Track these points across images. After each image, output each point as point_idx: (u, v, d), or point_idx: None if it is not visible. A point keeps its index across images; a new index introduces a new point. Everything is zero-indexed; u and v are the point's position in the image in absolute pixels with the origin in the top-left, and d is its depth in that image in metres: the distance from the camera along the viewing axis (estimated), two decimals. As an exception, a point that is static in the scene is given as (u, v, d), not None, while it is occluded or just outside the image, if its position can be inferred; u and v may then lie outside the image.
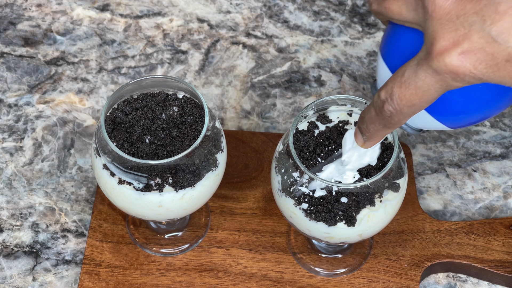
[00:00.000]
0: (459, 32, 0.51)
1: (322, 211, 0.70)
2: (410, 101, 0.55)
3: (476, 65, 0.51)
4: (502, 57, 0.50)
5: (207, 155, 0.72)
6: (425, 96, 0.54)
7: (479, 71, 0.51)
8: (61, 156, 0.90)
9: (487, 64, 0.51)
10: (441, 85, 0.53)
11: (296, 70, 0.96)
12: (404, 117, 0.57)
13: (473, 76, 0.51)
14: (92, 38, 0.99)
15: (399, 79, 0.55)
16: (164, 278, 0.80)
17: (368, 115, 0.60)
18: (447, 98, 0.57)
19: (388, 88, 0.56)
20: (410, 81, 0.54)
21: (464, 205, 0.86)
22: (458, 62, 0.51)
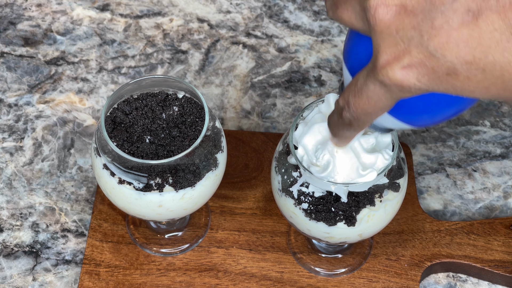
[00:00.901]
0: (400, 47, 0.51)
1: (322, 211, 0.70)
2: (364, 109, 0.56)
3: (419, 78, 0.51)
4: (442, 71, 0.51)
5: (207, 155, 0.72)
6: (378, 105, 0.55)
7: (423, 84, 0.52)
8: (61, 156, 0.90)
9: (429, 78, 0.51)
10: (390, 96, 0.54)
11: (296, 70, 0.96)
12: (363, 123, 0.58)
13: (418, 88, 0.52)
14: (92, 38, 0.99)
15: (353, 87, 0.56)
16: (164, 278, 0.80)
17: (332, 119, 0.61)
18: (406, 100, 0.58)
19: (345, 96, 0.57)
20: (362, 91, 0.55)
21: (464, 205, 0.86)
22: (401, 76, 0.51)
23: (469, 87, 0.51)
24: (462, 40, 0.49)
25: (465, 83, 0.51)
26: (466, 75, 0.50)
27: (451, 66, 0.50)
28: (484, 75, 0.50)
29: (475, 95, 0.52)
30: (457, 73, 0.50)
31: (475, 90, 0.51)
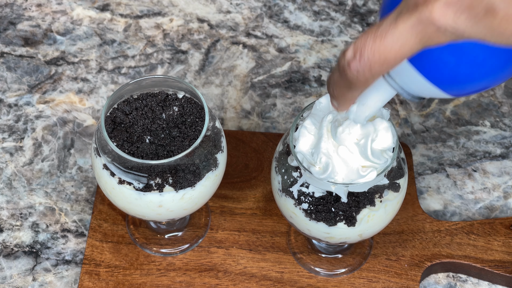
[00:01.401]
0: None
1: (322, 211, 0.70)
2: (384, 55, 0.53)
3: (457, 17, 0.50)
4: (481, 8, 0.50)
5: (207, 155, 0.72)
6: (401, 50, 0.52)
7: (459, 24, 0.50)
8: (61, 156, 0.89)
9: (467, 16, 0.50)
10: (421, 39, 0.52)
11: (296, 70, 0.96)
12: (372, 76, 0.54)
13: (454, 28, 0.51)
14: (92, 38, 0.99)
15: (373, 32, 0.53)
16: (164, 278, 0.80)
17: (332, 77, 0.58)
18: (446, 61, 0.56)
19: (358, 43, 0.54)
20: (387, 32, 0.52)
21: (464, 205, 0.86)
22: (441, 13, 0.50)
23: (507, 30, 0.50)
24: None
25: (503, 24, 0.50)
26: (505, 13, 0.49)
27: (490, 3, 0.49)
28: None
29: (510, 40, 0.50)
30: (496, 11, 0.49)
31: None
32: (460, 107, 0.93)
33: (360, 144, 0.66)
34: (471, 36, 0.51)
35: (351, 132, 0.66)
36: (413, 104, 0.94)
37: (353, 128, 0.66)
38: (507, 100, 0.94)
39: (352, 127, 0.66)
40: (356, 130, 0.66)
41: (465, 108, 0.93)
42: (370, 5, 1.02)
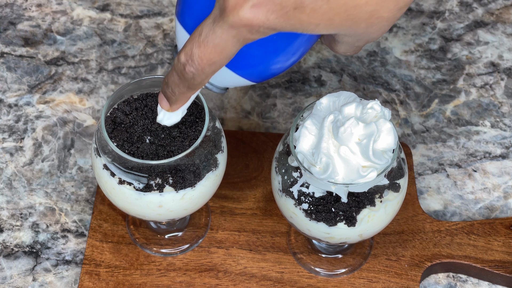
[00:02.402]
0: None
1: (323, 211, 0.70)
2: (210, 59, 0.56)
3: (268, 16, 0.53)
4: (290, 6, 0.53)
5: (207, 155, 0.72)
6: (224, 52, 0.56)
7: (271, 21, 0.53)
8: (61, 156, 0.89)
9: (277, 14, 0.53)
10: (238, 39, 0.55)
11: (296, 70, 0.96)
12: (206, 76, 0.58)
13: (267, 27, 0.54)
14: (92, 38, 0.99)
15: (197, 39, 0.56)
16: (164, 278, 0.80)
17: (172, 79, 0.61)
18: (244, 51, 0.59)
19: (187, 50, 0.57)
20: (208, 39, 0.55)
21: (465, 205, 0.86)
22: (251, 15, 0.53)
23: (315, 20, 0.53)
24: None
25: (311, 16, 0.53)
26: (312, 7, 0.53)
27: (298, 0, 0.52)
28: (328, 5, 0.53)
29: (320, 29, 0.54)
30: (304, 6, 0.53)
31: (320, 22, 0.54)
32: (460, 107, 0.93)
33: (362, 144, 0.66)
34: (283, 29, 0.54)
35: (353, 132, 0.66)
36: (413, 104, 0.94)
37: (355, 128, 0.66)
38: (507, 100, 0.94)
39: (354, 127, 0.66)
40: (358, 130, 0.66)
41: (465, 108, 0.93)
42: (370, 5, 1.02)
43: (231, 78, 0.61)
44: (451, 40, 0.99)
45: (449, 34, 0.99)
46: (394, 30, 1.00)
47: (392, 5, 0.54)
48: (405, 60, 0.97)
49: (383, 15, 0.55)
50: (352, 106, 0.68)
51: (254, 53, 0.59)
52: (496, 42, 0.99)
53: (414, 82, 0.95)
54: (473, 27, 1.00)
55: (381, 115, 0.68)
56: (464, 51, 0.98)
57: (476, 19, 1.01)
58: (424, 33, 1.00)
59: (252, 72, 0.61)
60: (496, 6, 1.02)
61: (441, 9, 1.02)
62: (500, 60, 0.97)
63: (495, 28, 1.00)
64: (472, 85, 0.95)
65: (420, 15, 1.01)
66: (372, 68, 0.97)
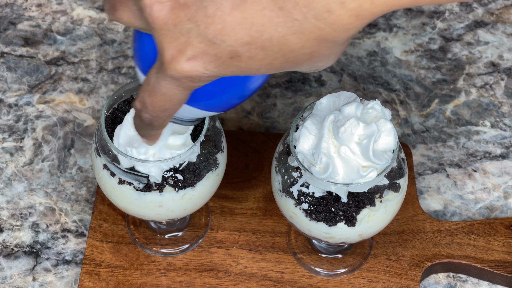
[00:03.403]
0: (180, 40, 0.52)
1: (323, 211, 0.70)
2: (161, 106, 0.57)
3: (206, 67, 0.53)
4: (225, 56, 0.52)
5: (207, 155, 0.72)
6: (174, 100, 0.56)
7: (211, 71, 0.53)
8: (61, 156, 0.89)
9: (215, 64, 0.53)
10: (184, 88, 0.55)
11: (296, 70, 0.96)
12: (164, 120, 0.59)
13: (208, 76, 0.54)
14: (92, 38, 0.99)
15: (146, 87, 0.56)
16: (164, 278, 0.80)
17: (136, 122, 0.61)
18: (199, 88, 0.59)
19: (140, 98, 0.57)
20: (155, 89, 0.56)
21: (465, 205, 0.86)
22: (189, 68, 0.53)
23: (254, 66, 0.53)
24: (237, 23, 0.51)
25: (249, 63, 0.53)
26: (248, 55, 0.52)
27: (232, 50, 0.52)
28: (264, 52, 0.52)
29: (262, 72, 0.54)
30: (240, 55, 0.52)
31: (260, 67, 0.53)
32: (460, 107, 0.93)
33: (362, 144, 0.66)
34: (224, 75, 0.54)
35: (354, 132, 0.66)
36: (413, 104, 0.94)
37: (355, 128, 0.66)
38: (507, 100, 0.94)
39: (354, 127, 0.66)
40: (359, 130, 0.66)
41: (465, 108, 0.93)
42: (370, 5, 1.01)
43: (195, 112, 0.61)
44: (451, 40, 0.99)
45: (449, 34, 0.99)
46: (394, 30, 1.00)
47: (330, 44, 0.53)
48: (405, 60, 0.97)
49: (324, 53, 0.54)
50: (352, 106, 0.68)
51: (210, 89, 0.59)
52: (496, 42, 0.99)
53: (414, 82, 0.95)
54: (473, 27, 1.00)
55: (382, 115, 0.68)
56: (464, 51, 0.98)
57: (476, 19, 1.01)
58: (424, 33, 1.00)
59: (213, 104, 0.60)
60: (496, 6, 1.02)
61: (441, 9, 1.02)
62: (500, 60, 0.97)
63: (495, 28, 1.00)
64: (472, 85, 0.95)
65: (420, 15, 1.01)
66: (372, 68, 0.97)
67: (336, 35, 0.52)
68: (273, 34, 0.51)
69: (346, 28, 0.51)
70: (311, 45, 0.52)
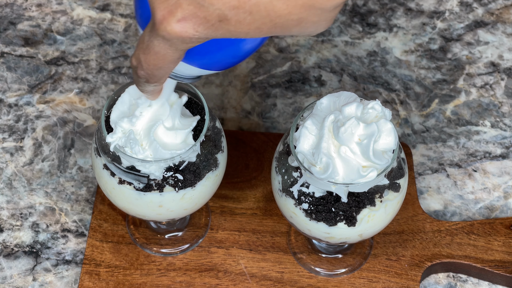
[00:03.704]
0: (170, 1, 0.54)
1: (323, 211, 0.70)
2: (155, 64, 0.58)
3: (196, 28, 0.54)
4: (214, 19, 0.54)
5: (208, 155, 0.72)
6: (167, 59, 0.57)
7: (201, 33, 0.54)
8: (61, 156, 0.89)
9: (204, 26, 0.54)
10: (176, 48, 0.56)
11: (296, 70, 0.96)
12: (159, 78, 0.60)
13: (198, 37, 0.55)
14: (92, 38, 0.99)
15: (141, 45, 0.58)
16: (164, 278, 0.80)
17: (134, 78, 0.62)
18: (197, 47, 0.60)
19: (136, 55, 0.59)
20: (149, 47, 0.57)
21: (465, 205, 0.86)
22: (179, 29, 0.54)
23: (243, 30, 0.54)
24: None
25: (238, 27, 0.54)
26: (236, 19, 0.53)
27: (221, 13, 0.53)
28: (252, 16, 0.53)
29: (252, 35, 0.55)
30: (228, 19, 0.53)
31: (249, 31, 0.54)
32: (461, 107, 0.93)
33: (362, 144, 0.66)
34: (215, 37, 0.55)
35: (354, 132, 0.66)
36: (414, 104, 0.94)
37: (356, 128, 0.66)
38: (507, 100, 0.94)
39: (355, 127, 0.66)
40: (359, 130, 0.66)
41: (465, 108, 0.93)
42: (370, 5, 1.02)
43: (192, 70, 0.62)
44: (451, 40, 0.99)
45: (449, 34, 0.99)
46: (394, 30, 1.00)
47: (318, 11, 0.54)
48: (405, 60, 0.97)
49: (312, 19, 0.54)
50: (352, 106, 0.68)
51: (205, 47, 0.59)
52: (496, 42, 0.99)
53: (414, 82, 0.95)
54: (473, 27, 1.00)
55: (382, 115, 0.68)
56: (464, 51, 0.98)
57: (476, 19, 1.01)
58: (424, 33, 1.00)
59: (210, 62, 0.62)
60: (496, 6, 1.02)
61: (441, 9, 1.02)
62: (500, 60, 0.97)
63: (495, 28, 1.00)
64: (472, 85, 0.95)
65: (420, 15, 1.01)
66: (372, 68, 0.97)
67: (323, 2, 0.53)
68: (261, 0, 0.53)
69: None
70: (299, 11, 0.53)
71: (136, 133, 0.69)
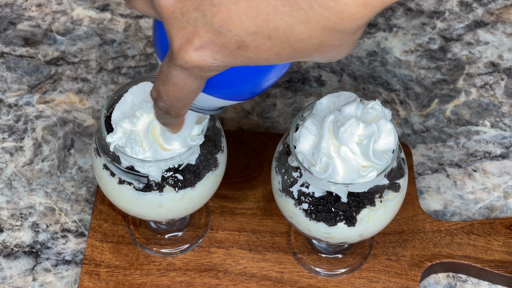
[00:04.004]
0: (188, 29, 0.52)
1: (323, 211, 0.70)
2: (175, 95, 0.56)
3: (214, 56, 0.53)
4: (232, 46, 0.52)
5: (207, 155, 0.72)
6: (187, 89, 0.56)
7: (219, 61, 0.53)
8: (61, 156, 0.89)
9: (223, 54, 0.53)
10: (195, 77, 0.55)
11: (296, 70, 0.96)
12: (180, 109, 0.58)
13: (217, 66, 0.53)
14: (92, 38, 0.99)
15: (160, 76, 0.57)
16: (164, 278, 0.80)
17: (155, 111, 0.61)
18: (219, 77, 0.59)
19: (155, 86, 0.57)
20: (168, 78, 0.56)
21: (465, 205, 0.86)
22: (197, 57, 0.53)
23: (262, 56, 0.53)
24: (242, 12, 0.51)
25: (257, 53, 0.52)
26: (255, 45, 0.52)
27: (239, 39, 0.52)
28: (271, 42, 0.52)
29: (272, 62, 0.53)
30: (247, 45, 0.52)
31: (268, 57, 0.53)
32: (460, 107, 0.93)
33: (362, 144, 0.66)
34: (234, 65, 0.54)
35: (354, 132, 0.66)
36: (413, 104, 0.94)
37: (355, 128, 0.66)
38: (507, 100, 0.94)
39: (354, 127, 0.66)
40: (359, 130, 0.66)
41: (465, 108, 0.93)
42: (370, 5, 1.01)
43: (214, 101, 0.61)
44: (451, 40, 0.99)
45: (449, 34, 0.99)
46: (394, 30, 1.00)
47: (339, 34, 0.52)
48: (405, 60, 0.97)
49: (333, 43, 0.53)
50: (352, 106, 0.68)
51: (227, 78, 0.58)
52: (496, 42, 0.99)
53: (414, 82, 0.95)
54: (473, 27, 1.00)
55: (382, 115, 0.68)
56: (464, 51, 0.98)
57: (476, 19, 1.01)
58: (424, 33, 1.00)
59: (232, 93, 0.60)
60: (496, 6, 1.02)
61: (441, 9, 1.02)
62: (500, 60, 0.97)
63: (495, 28, 1.00)
64: (472, 85, 0.95)
65: (420, 15, 1.01)
66: (372, 68, 0.96)
67: (344, 25, 0.51)
68: (279, 24, 0.51)
69: (354, 17, 0.51)
70: (319, 35, 0.52)
71: (136, 134, 0.68)
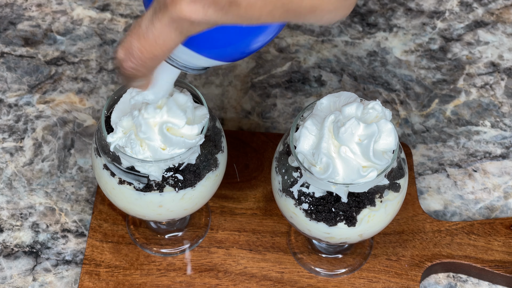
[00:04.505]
0: None
1: (323, 211, 0.70)
2: (151, 52, 0.56)
3: (206, 10, 0.53)
4: (224, 2, 0.52)
5: (208, 155, 0.72)
6: (165, 45, 0.55)
7: (210, 15, 0.53)
8: (61, 156, 0.89)
9: (214, 9, 0.53)
10: (180, 32, 0.54)
11: (296, 70, 0.96)
12: (148, 71, 0.57)
13: (207, 21, 0.53)
14: (92, 38, 0.99)
15: (136, 31, 0.55)
16: (164, 278, 0.80)
17: (118, 73, 0.60)
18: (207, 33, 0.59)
19: (127, 43, 0.56)
20: (148, 32, 0.55)
21: (465, 205, 0.86)
22: (190, 9, 0.53)
23: (254, 14, 0.53)
24: None
25: (248, 11, 0.52)
26: (247, 3, 0.52)
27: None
28: (263, 1, 0.52)
29: (264, 21, 0.53)
30: (238, 2, 0.52)
31: (260, 16, 0.53)
32: (461, 107, 0.93)
33: (362, 144, 0.66)
34: (223, 23, 0.54)
35: (354, 133, 0.66)
36: (414, 104, 0.94)
37: (356, 129, 0.66)
38: (507, 100, 0.94)
39: (355, 127, 0.66)
40: (359, 130, 0.66)
41: (466, 108, 0.93)
42: (370, 5, 1.02)
43: (201, 61, 0.61)
44: (451, 40, 0.99)
45: (449, 34, 0.99)
46: (394, 30, 1.00)
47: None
48: (405, 60, 0.97)
49: (327, 7, 0.53)
50: (352, 106, 0.68)
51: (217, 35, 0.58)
52: (496, 42, 0.99)
53: (414, 82, 0.95)
54: (473, 27, 1.00)
55: (382, 115, 0.68)
56: (464, 51, 0.98)
57: (476, 19, 1.01)
58: (424, 33, 1.00)
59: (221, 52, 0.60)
60: (496, 6, 1.02)
61: (441, 9, 1.02)
62: (500, 60, 0.97)
63: (495, 28, 1.00)
64: (472, 85, 0.95)
65: (420, 15, 1.01)
66: (372, 68, 0.96)
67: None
68: None
69: None
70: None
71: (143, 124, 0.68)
